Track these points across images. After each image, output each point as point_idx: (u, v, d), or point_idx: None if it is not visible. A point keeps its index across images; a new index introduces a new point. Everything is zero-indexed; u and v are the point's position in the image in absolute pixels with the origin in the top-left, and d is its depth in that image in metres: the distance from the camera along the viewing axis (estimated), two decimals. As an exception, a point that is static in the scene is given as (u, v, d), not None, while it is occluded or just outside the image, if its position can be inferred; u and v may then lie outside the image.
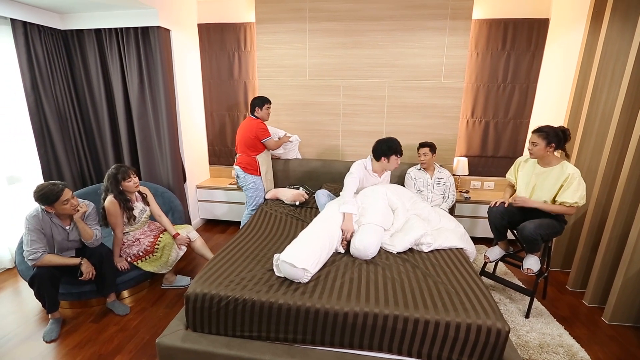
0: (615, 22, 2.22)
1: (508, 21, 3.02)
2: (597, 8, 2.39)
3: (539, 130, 2.04)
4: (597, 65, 2.32)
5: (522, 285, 2.41)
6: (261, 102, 2.78)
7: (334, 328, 1.51)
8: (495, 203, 2.24)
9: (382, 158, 2.37)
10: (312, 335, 1.54)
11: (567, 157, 2.17)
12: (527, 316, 2.15)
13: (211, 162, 3.81)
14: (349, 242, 2.02)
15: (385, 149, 2.35)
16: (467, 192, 3.29)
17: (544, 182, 2.08)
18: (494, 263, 2.62)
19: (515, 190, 2.31)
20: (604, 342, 1.98)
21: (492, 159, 3.37)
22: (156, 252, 2.28)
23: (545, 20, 2.98)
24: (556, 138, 2.00)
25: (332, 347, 1.56)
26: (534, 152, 2.06)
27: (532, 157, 2.12)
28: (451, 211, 3.02)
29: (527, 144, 2.19)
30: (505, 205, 2.21)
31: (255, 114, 2.79)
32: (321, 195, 2.66)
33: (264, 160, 2.89)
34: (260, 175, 2.86)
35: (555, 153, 2.10)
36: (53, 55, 2.81)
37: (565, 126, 2.62)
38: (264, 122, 2.81)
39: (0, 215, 2.61)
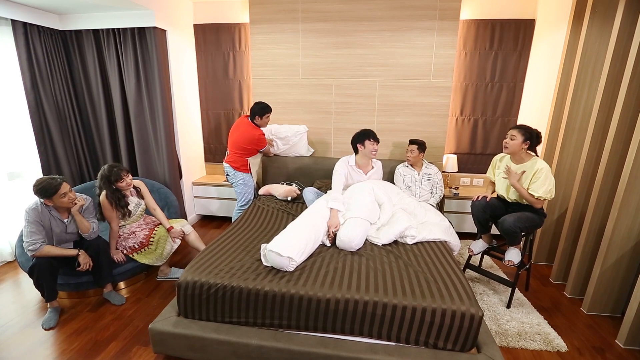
0: (594, 24, 2.30)
1: (495, 22, 3.10)
2: (579, 10, 2.47)
3: (518, 126, 2.14)
4: (578, 65, 2.40)
5: (506, 278, 2.49)
6: (262, 111, 2.79)
7: (317, 314, 1.60)
8: (478, 197, 2.33)
9: (358, 146, 2.53)
10: (296, 320, 1.62)
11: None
12: (508, 306, 2.23)
13: (207, 160, 3.89)
14: (334, 237, 2.09)
15: (357, 136, 2.55)
16: (456, 188, 3.36)
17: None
18: (479, 256, 2.70)
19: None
20: (580, 330, 2.06)
21: (481, 156, 3.45)
22: (151, 244, 2.37)
23: (532, 20, 3.06)
24: (531, 137, 2.10)
25: (315, 332, 1.64)
26: (510, 145, 2.14)
27: (506, 151, 2.19)
28: (440, 207, 3.10)
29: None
30: (487, 199, 2.29)
31: (255, 121, 2.82)
32: (309, 192, 2.75)
33: (255, 162, 3.00)
34: (249, 172, 2.94)
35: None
36: (52, 55, 2.89)
37: (549, 124, 2.72)
38: (263, 132, 2.86)
39: (1, 210, 2.70)
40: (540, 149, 2.78)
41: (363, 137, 2.50)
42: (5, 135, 2.69)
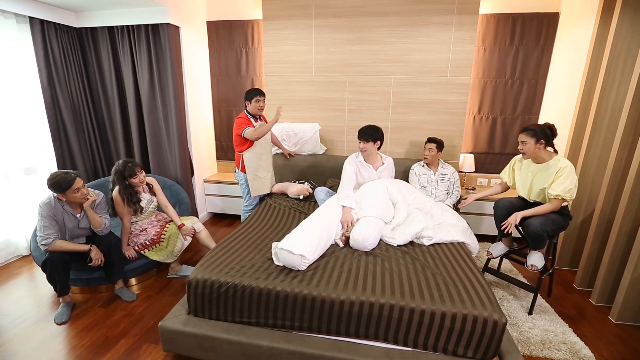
0: (626, 15, 2.17)
1: (516, 15, 2.97)
2: (608, 1, 2.33)
3: (526, 129, 2.04)
4: (607, 60, 2.27)
5: (527, 282, 2.38)
6: (249, 95, 2.61)
7: (331, 316, 1.53)
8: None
9: (358, 141, 2.47)
10: (309, 322, 1.56)
11: (556, 152, 2.13)
12: (530, 313, 2.12)
13: (218, 157, 3.88)
14: (348, 238, 2.02)
15: (359, 133, 2.46)
16: (473, 189, 3.25)
17: (540, 178, 2.06)
18: (498, 259, 2.59)
19: (505, 189, 2.35)
20: (609, 340, 1.94)
21: (499, 156, 3.32)
22: (162, 241, 2.35)
23: (555, 14, 2.92)
24: (544, 135, 2.00)
25: (328, 335, 1.58)
26: (524, 150, 2.05)
27: (524, 157, 2.11)
28: (456, 208, 2.99)
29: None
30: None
31: (247, 109, 2.68)
32: (320, 192, 2.69)
33: (251, 156, 2.69)
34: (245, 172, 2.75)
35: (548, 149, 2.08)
36: (68, 52, 2.92)
37: (574, 122, 2.59)
38: (248, 116, 2.65)
39: (17, 205, 2.73)
40: (563, 147, 2.66)
41: (359, 136, 2.45)
42: (22, 131, 2.73)
